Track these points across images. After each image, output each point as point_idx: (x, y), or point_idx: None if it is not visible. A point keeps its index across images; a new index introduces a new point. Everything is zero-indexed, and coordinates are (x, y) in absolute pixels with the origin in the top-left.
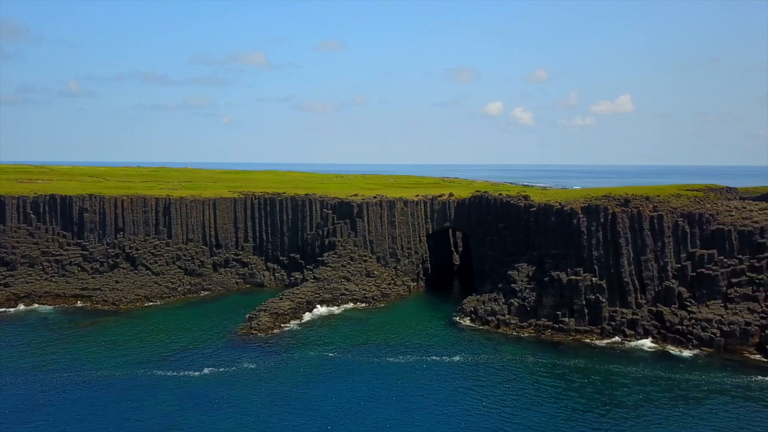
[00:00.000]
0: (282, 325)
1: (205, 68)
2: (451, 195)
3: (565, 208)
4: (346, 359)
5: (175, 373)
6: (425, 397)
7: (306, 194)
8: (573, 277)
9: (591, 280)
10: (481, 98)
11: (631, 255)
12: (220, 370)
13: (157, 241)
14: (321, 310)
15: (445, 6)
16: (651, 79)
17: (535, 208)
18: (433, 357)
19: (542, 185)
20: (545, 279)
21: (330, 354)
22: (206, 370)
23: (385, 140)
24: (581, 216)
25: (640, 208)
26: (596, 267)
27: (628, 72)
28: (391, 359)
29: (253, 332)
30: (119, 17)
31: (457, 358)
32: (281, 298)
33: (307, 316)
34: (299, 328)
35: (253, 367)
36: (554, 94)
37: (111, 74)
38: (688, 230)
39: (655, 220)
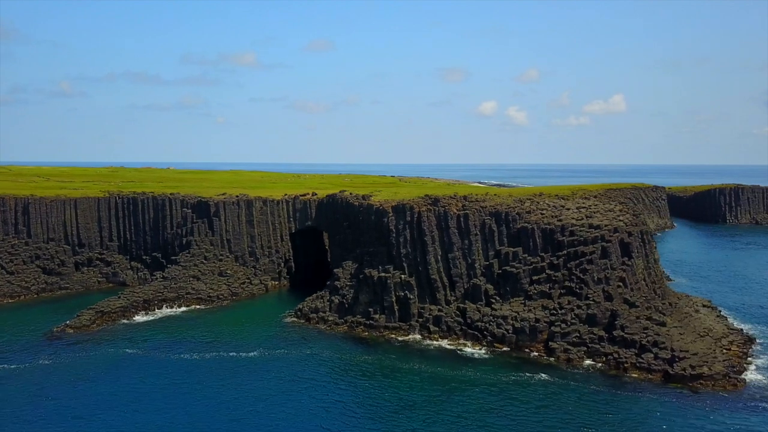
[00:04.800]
0: (105, 323)
1: (196, 68)
2: (313, 194)
3: (379, 208)
4: (144, 357)
5: None
6: (183, 394)
7: (171, 193)
8: (383, 274)
9: (400, 278)
10: (475, 98)
11: (439, 253)
12: (11, 367)
13: (15, 240)
14: (158, 309)
15: (433, 6)
16: (643, 78)
17: (363, 208)
18: (231, 353)
19: (515, 184)
20: (361, 276)
21: (130, 351)
22: None
23: (383, 140)
24: (390, 215)
25: (447, 208)
26: (405, 264)
27: (620, 72)
28: (187, 356)
29: (68, 330)
30: (108, 17)
31: (253, 353)
32: (119, 297)
33: (139, 316)
34: (120, 327)
35: (47, 363)
36: (547, 94)
37: (102, 74)
38: (495, 228)
39: (462, 219)
